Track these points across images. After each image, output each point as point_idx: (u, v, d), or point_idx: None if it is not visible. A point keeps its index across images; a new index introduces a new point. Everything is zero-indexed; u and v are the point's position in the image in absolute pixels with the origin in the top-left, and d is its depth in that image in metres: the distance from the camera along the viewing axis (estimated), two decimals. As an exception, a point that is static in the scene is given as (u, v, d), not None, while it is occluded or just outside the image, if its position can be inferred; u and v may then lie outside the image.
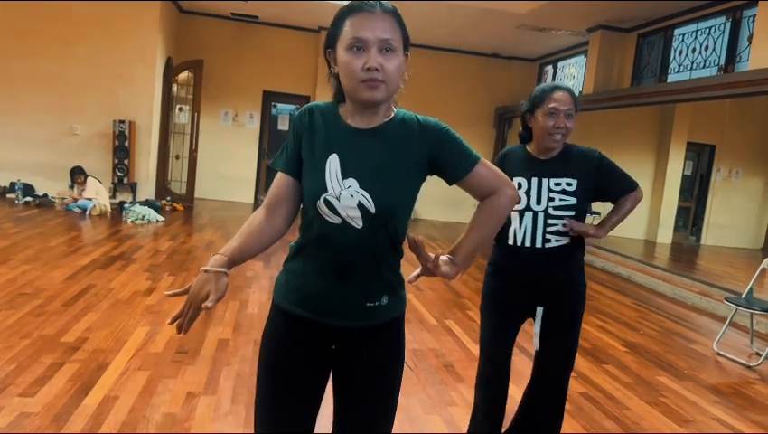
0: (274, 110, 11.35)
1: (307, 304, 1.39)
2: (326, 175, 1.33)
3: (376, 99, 1.31)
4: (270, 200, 1.43)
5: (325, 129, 1.38)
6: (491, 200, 1.42)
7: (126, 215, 7.91)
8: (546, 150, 2.22)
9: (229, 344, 3.59)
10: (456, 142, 1.40)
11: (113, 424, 2.49)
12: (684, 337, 4.95)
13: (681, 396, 3.56)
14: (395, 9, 1.34)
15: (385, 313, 1.41)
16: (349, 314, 1.39)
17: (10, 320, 3.59)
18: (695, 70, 7.53)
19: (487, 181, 1.41)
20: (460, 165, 1.40)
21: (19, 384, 2.76)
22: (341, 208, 1.32)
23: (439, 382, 3.35)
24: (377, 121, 1.37)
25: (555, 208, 2.17)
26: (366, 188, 1.32)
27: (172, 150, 10.24)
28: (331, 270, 1.37)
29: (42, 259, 5.19)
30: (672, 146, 10.30)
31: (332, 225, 1.34)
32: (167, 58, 9.73)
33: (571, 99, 2.16)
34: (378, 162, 1.35)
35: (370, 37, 1.28)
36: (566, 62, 10.73)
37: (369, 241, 1.35)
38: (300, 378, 1.43)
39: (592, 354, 4.12)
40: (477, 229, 1.43)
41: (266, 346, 1.47)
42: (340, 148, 1.35)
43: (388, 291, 1.41)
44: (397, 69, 1.31)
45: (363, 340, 1.42)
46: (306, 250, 1.41)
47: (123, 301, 4.24)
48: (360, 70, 1.28)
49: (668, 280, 6.84)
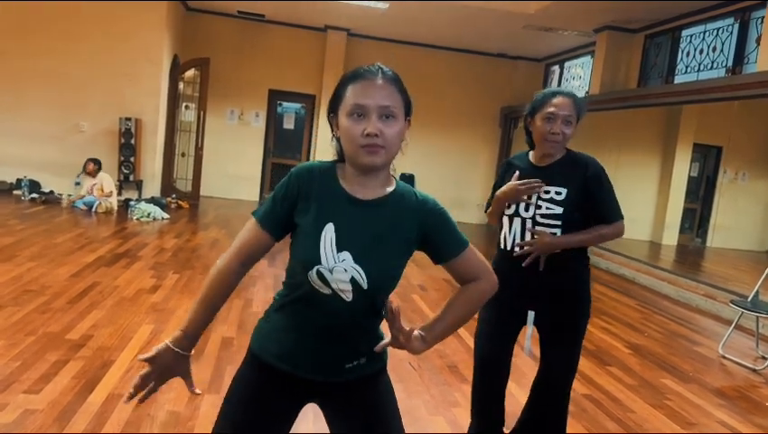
0: (279, 109, 11.36)
1: (286, 359, 1.39)
2: (321, 246, 1.31)
3: (375, 163, 1.31)
4: (243, 251, 1.40)
5: (324, 195, 1.36)
6: (472, 286, 1.44)
7: (132, 213, 7.93)
8: (544, 156, 2.22)
9: (234, 343, 3.60)
10: (450, 225, 1.41)
11: (117, 422, 2.50)
12: (689, 340, 4.93)
13: (686, 399, 3.55)
14: (397, 76, 1.35)
15: (362, 370, 1.42)
16: (328, 372, 1.39)
17: (15, 317, 3.61)
18: (702, 71, 7.50)
19: (472, 267, 1.44)
20: (449, 248, 1.41)
21: (24, 381, 2.77)
22: (333, 281, 1.31)
23: (443, 382, 3.35)
24: (376, 190, 1.37)
25: (542, 216, 2.17)
26: (360, 263, 1.31)
27: (178, 148, 10.26)
28: (314, 333, 1.37)
29: (48, 256, 5.21)
30: (679, 147, 10.27)
31: (321, 294, 1.32)
32: (174, 56, 9.75)
33: (572, 104, 2.14)
34: (374, 237, 1.34)
35: (371, 104, 1.29)
36: (572, 63, 10.70)
37: (355, 313, 1.35)
38: (260, 424, 1.41)
39: (596, 356, 4.11)
40: (454, 313, 1.45)
41: (236, 386, 1.45)
42: (336, 218, 1.33)
43: (366, 354, 1.41)
44: (397, 135, 1.32)
45: (343, 392, 1.42)
46: (292, 307, 1.40)
47: (128, 299, 4.26)
48: (359, 136, 1.29)
49: (673, 282, 6.82)
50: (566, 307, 2.26)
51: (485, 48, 11.09)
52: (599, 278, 7.25)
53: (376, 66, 1.34)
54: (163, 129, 9.65)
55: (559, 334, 2.27)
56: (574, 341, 2.29)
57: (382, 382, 1.47)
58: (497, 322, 2.32)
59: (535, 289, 2.23)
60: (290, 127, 11.46)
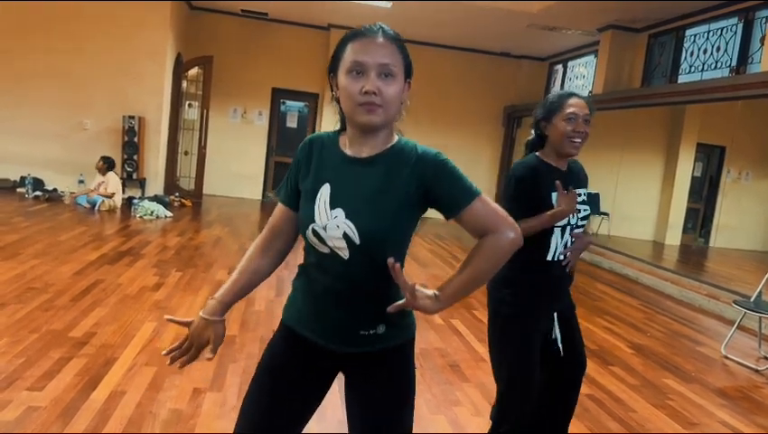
0: (283, 107, 11.37)
1: (306, 324, 1.42)
2: (315, 205, 1.34)
3: (373, 122, 1.30)
4: (270, 231, 1.49)
5: (323, 160, 1.40)
6: (488, 240, 1.32)
7: (135, 211, 7.95)
8: (564, 156, 2.22)
9: (236, 341, 3.60)
10: (454, 175, 1.34)
11: (120, 419, 2.51)
12: (691, 340, 4.93)
13: (688, 399, 3.55)
14: (397, 35, 1.34)
15: (383, 342, 1.39)
16: (344, 340, 1.39)
17: (19, 314, 3.62)
18: (706, 71, 7.48)
19: (485, 219, 1.32)
20: (456, 200, 1.32)
21: (27, 378, 2.78)
22: (328, 238, 1.32)
23: (444, 381, 3.35)
24: (375, 149, 1.36)
25: (580, 219, 2.22)
26: (351, 219, 1.30)
27: (181, 146, 10.27)
28: (323, 296, 1.38)
29: (52, 253, 5.23)
30: (682, 147, 10.25)
31: (323, 254, 1.35)
32: (177, 54, 9.76)
33: (587, 105, 2.18)
34: (367, 192, 1.32)
35: (369, 61, 1.28)
36: (576, 62, 10.68)
37: (355, 272, 1.33)
38: (289, 393, 1.43)
39: (598, 356, 4.11)
40: (471, 270, 1.32)
41: (264, 357, 1.49)
42: (332, 178, 1.36)
43: (384, 321, 1.37)
44: (395, 94, 1.31)
45: (364, 365, 1.41)
46: (306, 272, 1.44)
47: (131, 296, 4.27)
48: (358, 94, 1.28)
49: (676, 282, 6.81)
50: (572, 302, 2.36)
51: (489, 47, 11.08)
52: (602, 277, 7.24)
53: (377, 25, 1.34)
54: (167, 128, 9.66)
55: (575, 323, 2.34)
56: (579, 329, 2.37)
57: (403, 358, 1.43)
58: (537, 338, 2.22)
59: (562, 293, 2.30)
60: (293, 125, 11.46)
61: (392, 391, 1.42)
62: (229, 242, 6.72)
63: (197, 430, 2.51)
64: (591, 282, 6.82)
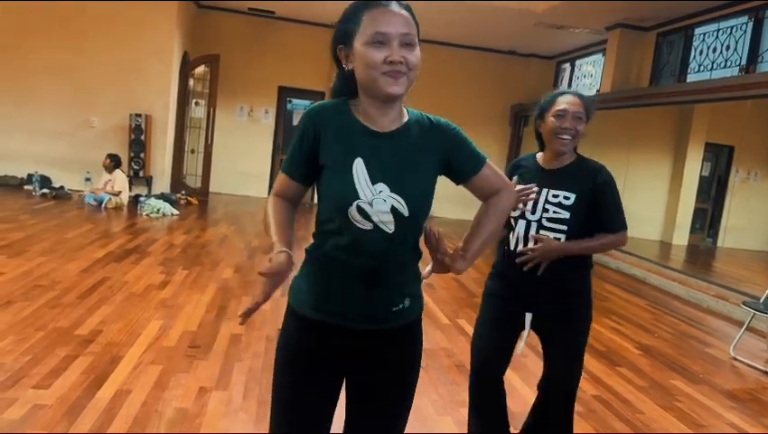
0: (289, 106, 11.37)
1: (333, 310, 1.37)
2: (355, 182, 1.31)
3: (397, 92, 1.30)
4: (280, 193, 1.46)
5: (344, 132, 1.36)
6: (494, 200, 1.49)
7: (142, 209, 7.97)
8: (555, 155, 2.19)
9: (242, 340, 3.60)
10: (467, 143, 1.44)
11: (125, 418, 2.50)
12: (699, 341, 4.89)
13: (696, 400, 3.52)
14: (408, 5, 1.35)
15: (408, 315, 1.42)
16: (376, 318, 1.38)
17: (25, 312, 3.62)
18: (715, 70, 7.43)
19: (492, 182, 1.48)
20: (470, 166, 1.45)
21: (33, 376, 2.78)
22: (374, 213, 1.31)
23: (451, 382, 3.34)
24: (394, 121, 1.37)
25: (548, 220, 2.15)
26: (397, 192, 1.32)
27: (187, 144, 10.29)
28: (359, 276, 1.35)
29: (58, 251, 5.24)
30: (690, 146, 10.19)
31: (363, 231, 1.32)
32: (184, 52, 9.77)
33: (581, 102, 2.14)
34: (403, 165, 1.35)
35: (392, 31, 1.28)
36: (583, 60, 10.64)
37: (398, 245, 1.36)
38: (317, 382, 1.42)
39: (605, 356, 4.08)
40: (483, 226, 1.49)
41: (284, 351, 1.44)
42: (363, 152, 1.33)
43: (410, 293, 1.42)
44: (417, 62, 1.32)
45: (383, 343, 1.41)
46: (330, 256, 1.37)
47: (137, 294, 4.27)
48: (382, 63, 1.27)
49: (683, 283, 6.76)
50: (566, 310, 2.23)
51: (496, 45, 11.05)
52: (609, 277, 7.21)
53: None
54: (173, 126, 9.67)
55: (560, 337, 2.25)
56: (575, 344, 2.26)
57: (418, 333, 1.48)
58: (495, 323, 2.31)
59: (534, 291, 2.21)
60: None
61: (410, 363, 1.48)
62: (236, 240, 6.71)
63: (202, 430, 2.51)
64: (598, 282, 6.78)
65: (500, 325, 2.30)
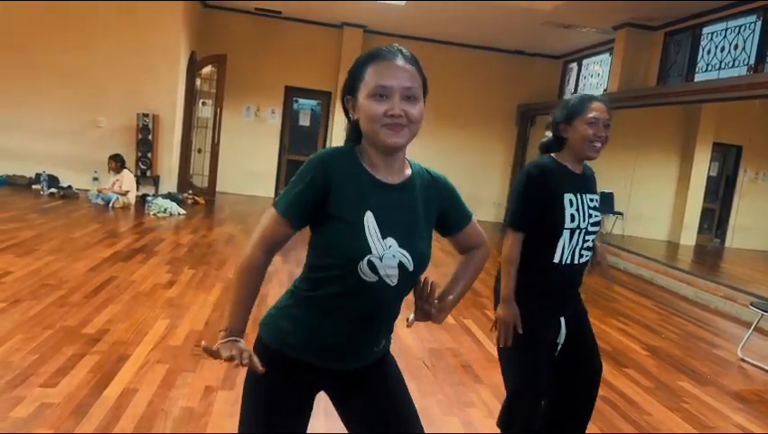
0: (295, 105, 11.38)
1: (323, 354, 1.39)
2: (367, 236, 1.30)
3: (398, 144, 1.31)
4: (266, 242, 1.36)
5: (354, 183, 1.33)
6: (477, 253, 1.56)
7: (149, 208, 7.99)
8: (580, 161, 2.21)
9: (249, 339, 3.59)
10: (459, 198, 1.50)
11: (132, 417, 2.51)
12: (707, 342, 4.87)
13: (703, 402, 3.50)
14: (415, 57, 1.36)
15: (381, 352, 1.48)
16: (358, 359, 1.43)
17: (33, 311, 3.64)
18: (723, 69, 7.38)
19: (475, 236, 1.55)
20: (459, 221, 1.51)
21: (41, 374, 2.80)
22: (382, 268, 1.32)
23: (457, 382, 3.33)
24: (399, 173, 1.39)
25: (591, 224, 2.19)
26: (404, 247, 1.34)
27: (194, 144, 10.31)
28: (352, 323, 1.36)
29: (66, 250, 5.26)
30: (698, 146, 10.15)
31: (367, 283, 1.31)
32: (191, 52, 9.80)
33: (607, 109, 2.16)
34: (408, 219, 1.38)
35: (394, 85, 1.29)
36: (590, 60, 10.59)
37: (398, 296, 1.39)
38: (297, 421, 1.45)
39: (612, 357, 4.06)
40: (463, 279, 1.54)
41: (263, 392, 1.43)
42: (373, 206, 1.32)
43: (388, 334, 1.49)
44: (420, 115, 1.32)
45: (362, 376, 1.45)
46: (325, 303, 1.36)
47: (144, 294, 4.28)
48: (382, 116, 1.28)
49: (691, 283, 6.73)
50: (583, 305, 2.33)
51: (503, 45, 11.02)
52: (617, 278, 7.18)
53: (394, 47, 1.35)
54: (180, 125, 9.70)
55: (588, 330, 2.32)
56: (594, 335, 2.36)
57: (392, 359, 1.54)
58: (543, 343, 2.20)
59: (570, 298, 2.26)
60: (306, 123, 11.47)
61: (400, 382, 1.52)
62: (242, 240, 6.73)
63: (208, 429, 2.51)
64: (605, 283, 6.75)
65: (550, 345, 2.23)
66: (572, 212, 2.13)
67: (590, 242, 2.19)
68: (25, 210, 7.05)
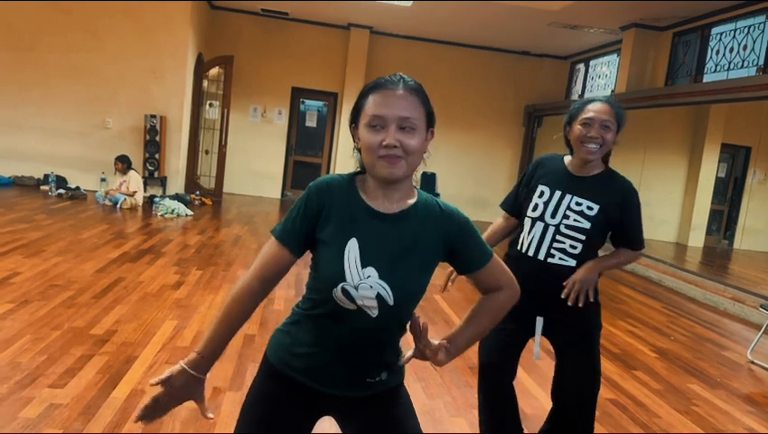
0: (302, 107, 11.39)
1: (307, 374, 1.36)
2: (345, 263, 1.28)
3: (395, 175, 1.28)
4: (265, 272, 1.34)
5: (345, 210, 1.32)
6: (495, 296, 1.44)
7: (156, 209, 8.01)
8: (582, 163, 2.16)
9: (255, 340, 3.60)
10: (475, 235, 1.39)
11: (140, 417, 2.51)
12: (716, 344, 4.84)
13: (713, 405, 3.48)
14: (419, 87, 1.32)
15: (383, 385, 1.39)
16: (349, 387, 1.37)
17: (42, 311, 3.66)
18: (732, 70, 7.34)
19: (496, 277, 1.43)
20: (476, 259, 1.39)
21: (49, 375, 2.81)
22: (359, 297, 1.28)
23: (464, 384, 3.32)
24: (399, 203, 1.34)
25: (567, 226, 2.12)
26: (385, 279, 1.28)
27: (201, 145, 10.34)
28: (338, 348, 1.34)
29: (74, 251, 5.28)
30: (706, 147, 10.10)
31: (346, 310, 1.30)
32: (198, 53, 9.83)
33: (610, 110, 2.10)
34: (398, 250, 1.31)
35: (389, 115, 1.26)
36: (598, 61, 10.56)
37: (380, 328, 1.32)
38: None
39: (621, 360, 4.04)
40: (478, 323, 1.45)
41: (253, 397, 1.42)
42: (360, 233, 1.30)
43: (387, 368, 1.39)
44: (417, 146, 1.28)
45: (364, 407, 1.40)
46: (316, 322, 1.36)
47: (152, 294, 4.29)
48: (378, 147, 1.26)
49: (699, 285, 6.69)
50: (578, 315, 2.17)
51: (509, 45, 11.00)
52: (624, 280, 7.15)
53: (398, 76, 1.31)
54: (188, 127, 9.73)
55: (576, 344, 2.22)
56: (591, 351, 2.22)
57: (403, 395, 1.45)
58: (503, 327, 2.24)
59: (546, 294, 2.16)
60: (312, 124, 11.48)
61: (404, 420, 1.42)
62: (249, 241, 6.74)
63: (216, 430, 2.51)
64: (613, 284, 6.73)
65: (508, 329, 2.20)
66: (537, 202, 2.18)
67: (567, 247, 2.12)
68: (33, 211, 7.08)
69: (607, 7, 7.79)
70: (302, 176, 11.41)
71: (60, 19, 8.86)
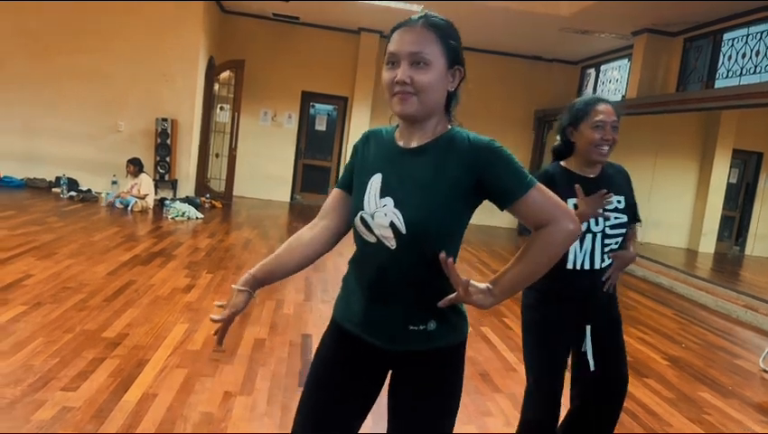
0: (312, 110, 11.42)
1: (355, 321, 1.40)
2: (365, 194, 1.35)
3: (406, 112, 1.29)
4: (324, 209, 1.48)
5: (378, 150, 1.41)
6: (544, 232, 1.28)
7: (167, 212, 8.05)
8: (591, 165, 2.17)
9: (266, 345, 3.61)
10: (509, 163, 1.29)
11: (151, 421, 2.52)
12: (728, 352, 4.80)
13: (725, 414, 3.45)
14: (442, 23, 1.31)
15: (434, 339, 1.34)
16: (395, 337, 1.35)
17: (54, 314, 3.68)
18: (744, 75, 7.30)
19: (541, 209, 1.28)
20: (511, 189, 1.28)
21: (62, 378, 2.82)
22: (375, 226, 1.32)
23: (474, 390, 3.31)
24: (424, 139, 1.35)
25: (611, 227, 2.15)
26: (399, 208, 1.29)
27: (212, 148, 10.38)
28: (369, 289, 1.36)
29: (86, 253, 5.31)
30: (717, 152, 10.05)
31: (369, 244, 1.34)
32: (209, 57, 9.87)
33: (614, 111, 2.14)
34: (416, 181, 1.30)
35: (401, 50, 1.28)
36: (608, 66, 10.53)
37: (402, 263, 1.31)
38: (343, 391, 1.43)
39: (632, 367, 3.99)
40: (525, 262, 1.31)
41: (316, 357, 1.49)
42: (384, 168, 1.36)
43: (435, 317, 1.33)
44: (430, 82, 1.27)
45: (413, 366, 1.38)
46: (355, 266, 1.44)
47: (162, 298, 4.31)
48: (391, 84, 1.28)
49: (711, 292, 6.65)
50: (616, 314, 2.30)
51: (520, 50, 10.99)
52: (635, 286, 7.11)
53: (423, 12, 1.32)
54: (199, 130, 9.77)
55: (618, 341, 2.29)
56: (622, 339, 2.33)
57: (454, 363, 1.38)
58: (566, 343, 2.23)
59: (595, 300, 2.22)
60: (322, 128, 11.51)
61: (439, 397, 1.38)
62: (259, 245, 6.75)
63: (228, 430, 2.52)
64: (623, 290, 6.69)
65: (569, 345, 2.25)
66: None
67: (612, 245, 2.16)
68: (46, 213, 7.13)
69: (619, 13, 7.77)
70: (311, 180, 11.43)
71: (74, 22, 8.92)
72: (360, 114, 10.64)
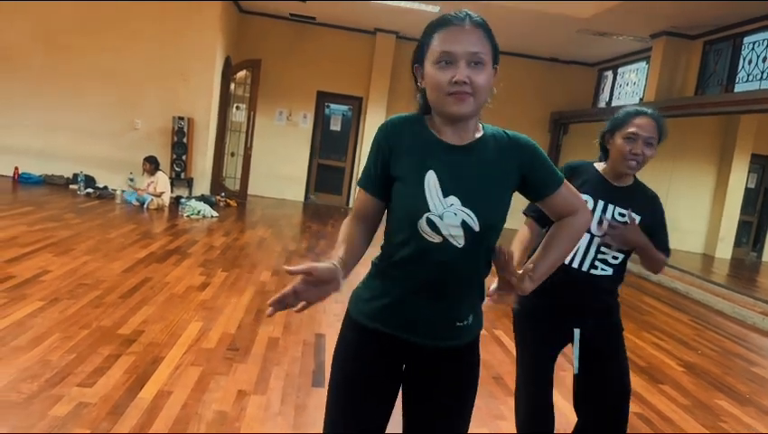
0: (327, 110, 11.44)
1: (398, 322, 1.37)
2: (426, 194, 1.30)
3: (463, 112, 1.29)
4: (358, 213, 1.43)
5: (417, 145, 1.35)
6: (569, 220, 1.44)
7: (183, 210, 8.10)
8: (618, 175, 2.14)
9: (279, 344, 3.62)
10: (545, 159, 1.40)
11: (166, 419, 2.54)
12: (745, 359, 4.74)
13: (742, 422, 3.41)
14: (484, 22, 1.32)
15: (470, 332, 1.41)
16: (439, 333, 1.37)
17: (71, 310, 3.71)
18: (765, 79, 7.21)
19: (569, 201, 1.43)
20: (547, 184, 1.40)
21: (78, 374, 2.85)
22: (444, 227, 1.30)
23: (488, 394, 3.30)
24: (469, 136, 1.35)
25: (607, 247, 2.10)
26: (469, 206, 1.30)
27: (227, 147, 10.44)
28: (425, 289, 1.34)
29: (102, 250, 5.36)
30: (735, 157, 9.95)
31: (432, 244, 1.31)
32: (226, 57, 9.93)
33: (655, 126, 2.07)
34: (476, 179, 1.33)
35: (459, 51, 1.27)
36: (626, 68, 10.45)
37: (467, 260, 1.33)
38: (374, 391, 1.42)
39: (647, 373, 3.98)
40: (556, 248, 1.44)
41: (339, 356, 1.45)
42: (436, 165, 1.32)
43: (473, 309, 1.40)
44: (486, 82, 1.29)
45: (444, 360, 1.39)
46: (396, 269, 1.37)
47: (178, 295, 4.34)
48: (446, 84, 1.27)
49: (727, 298, 6.57)
50: (613, 322, 2.21)
51: (537, 52, 10.93)
52: (650, 291, 7.05)
53: (463, 12, 1.32)
54: (215, 129, 9.83)
55: (616, 350, 2.21)
56: (625, 355, 2.23)
57: (474, 354, 1.45)
58: (542, 339, 2.25)
59: (585, 307, 2.17)
60: (337, 128, 11.53)
61: (467, 390, 1.45)
62: (273, 244, 6.78)
63: (241, 432, 2.53)
64: (639, 295, 6.64)
65: (549, 343, 2.25)
66: None
67: (609, 256, 2.10)
68: (63, 209, 7.20)
69: (638, 15, 7.71)
70: (325, 180, 11.46)
71: (92, 21, 9.01)
72: (375, 114, 10.64)
